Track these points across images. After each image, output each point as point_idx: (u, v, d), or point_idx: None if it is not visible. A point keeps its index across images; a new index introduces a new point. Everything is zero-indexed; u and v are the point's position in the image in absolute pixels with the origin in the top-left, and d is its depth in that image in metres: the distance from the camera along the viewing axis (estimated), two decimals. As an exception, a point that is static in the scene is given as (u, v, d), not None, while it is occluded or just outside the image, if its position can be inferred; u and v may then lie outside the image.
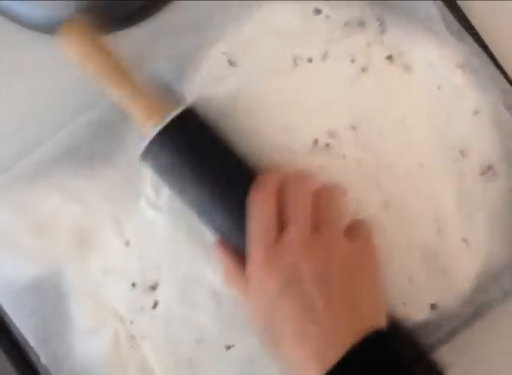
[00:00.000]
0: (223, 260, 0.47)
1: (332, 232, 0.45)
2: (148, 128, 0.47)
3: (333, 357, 0.41)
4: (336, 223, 0.46)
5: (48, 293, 0.49)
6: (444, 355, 0.47)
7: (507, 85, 0.50)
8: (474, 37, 0.50)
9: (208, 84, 0.50)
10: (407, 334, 0.47)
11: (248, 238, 0.45)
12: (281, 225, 0.45)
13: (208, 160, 0.47)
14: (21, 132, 0.51)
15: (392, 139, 0.50)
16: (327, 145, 0.50)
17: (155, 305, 0.49)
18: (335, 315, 0.43)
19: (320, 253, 0.44)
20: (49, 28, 0.50)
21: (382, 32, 0.50)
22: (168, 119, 0.47)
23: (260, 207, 0.45)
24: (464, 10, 0.51)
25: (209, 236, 0.49)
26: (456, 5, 0.51)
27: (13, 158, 0.51)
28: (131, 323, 0.49)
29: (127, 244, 0.50)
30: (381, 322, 0.44)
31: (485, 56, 0.50)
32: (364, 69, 0.50)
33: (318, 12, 0.51)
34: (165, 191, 0.50)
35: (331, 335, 0.43)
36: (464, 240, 0.49)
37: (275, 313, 0.44)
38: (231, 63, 0.51)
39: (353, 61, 0.50)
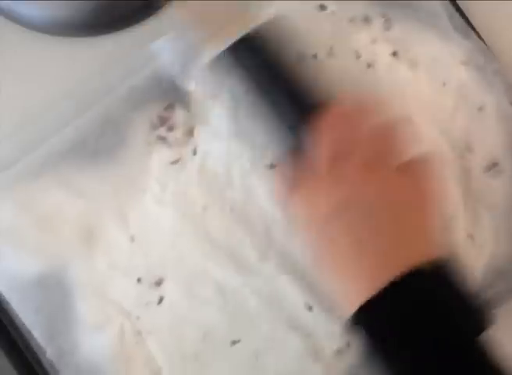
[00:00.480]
0: (280, 179, 0.47)
1: (389, 167, 0.45)
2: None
3: (375, 286, 0.41)
4: (392, 158, 0.46)
5: (54, 289, 0.49)
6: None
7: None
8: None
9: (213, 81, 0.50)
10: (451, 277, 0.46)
11: (308, 158, 0.45)
12: (340, 150, 0.45)
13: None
14: (24, 129, 0.51)
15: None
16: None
17: (161, 300, 0.49)
18: (382, 245, 0.43)
19: (375, 185, 0.44)
20: (49, 28, 0.50)
21: (388, 28, 0.51)
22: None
23: (323, 129, 0.45)
24: (464, 10, 0.51)
25: (214, 231, 0.49)
26: (456, 4, 0.51)
27: (18, 155, 0.50)
28: (137, 318, 0.49)
29: (132, 239, 0.50)
30: (427, 259, 0.43)
31: (489, 53, 0.50)
32: (369, 66, 0.50)
33: (323, 8, 0.51)
34: (171, 187, 0.50)
35: (378, 263, 0.42)
36: (470, 236, 0.49)
37: (324, 234, 0.44)
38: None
39: (358, 57, 0.50)
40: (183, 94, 0.50)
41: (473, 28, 0.51)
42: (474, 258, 0.49)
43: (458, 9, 0.51)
